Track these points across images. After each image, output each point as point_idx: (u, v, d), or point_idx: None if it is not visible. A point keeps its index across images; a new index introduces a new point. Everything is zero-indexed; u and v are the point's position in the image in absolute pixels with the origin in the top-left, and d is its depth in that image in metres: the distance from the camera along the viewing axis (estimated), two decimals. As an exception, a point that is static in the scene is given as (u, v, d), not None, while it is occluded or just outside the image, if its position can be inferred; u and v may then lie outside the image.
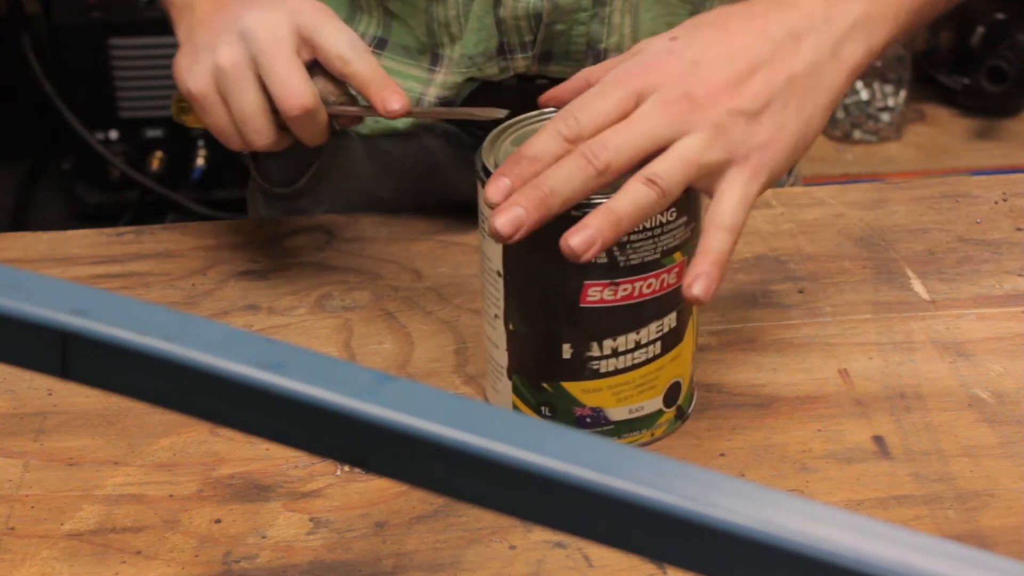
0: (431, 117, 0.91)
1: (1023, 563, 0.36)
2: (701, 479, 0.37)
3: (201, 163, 2.11)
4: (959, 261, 0.96)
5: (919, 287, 0.93)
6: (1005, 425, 0.81)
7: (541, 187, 0.71)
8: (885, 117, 2.23)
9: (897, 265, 0.96)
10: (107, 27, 2.04)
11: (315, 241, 1.00)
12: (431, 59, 0.96)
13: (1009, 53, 2.17)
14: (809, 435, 0.80)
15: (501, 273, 0.76)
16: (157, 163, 2.10)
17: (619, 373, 0.77)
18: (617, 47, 0.94)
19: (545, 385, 0.78)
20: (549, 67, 0.95)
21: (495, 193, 0.72)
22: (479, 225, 0.77)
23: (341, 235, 1.00)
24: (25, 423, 0.83)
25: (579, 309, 0.75)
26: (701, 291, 0.71)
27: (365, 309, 0.92)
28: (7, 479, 0.79)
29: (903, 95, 2.23)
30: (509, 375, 0.79)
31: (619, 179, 0.72)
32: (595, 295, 0.74)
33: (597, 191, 0.72)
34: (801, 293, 0.93)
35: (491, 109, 0.84)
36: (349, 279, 0.96)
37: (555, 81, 0.94)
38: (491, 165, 0.75)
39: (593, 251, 0.70)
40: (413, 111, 0.86)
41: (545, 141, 0.73)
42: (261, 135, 0.85)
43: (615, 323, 0.76)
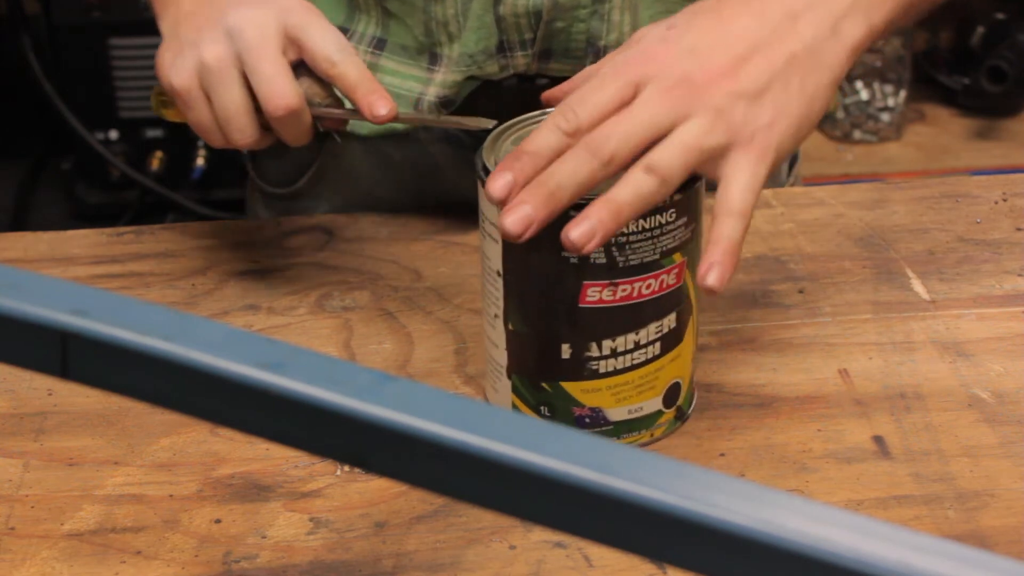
0: (419, 123, 0.90)
1: (1023, 563, 0.36)
2: (701, 479, 0.37)
3: (201, 163, 2.11)
4: (959, 261, 0.96)
5: (919, 287, 0.93)
6: (1005, 425, 0.81)
7: (547, 183, 0.70)
8: (885, 117, 2.23)
9: (897, 265, 0.96)
10: (107, 27, 2.04)
11: (315, 241, 1.00)
12: (429, 59, 0.96)
13: (1009, 53, 2.18)
14: (809, 435, 0.80)
15: (501, 273, 0.76)
16: (157, 163, 2.10)
17: (618, 373, 0.77)
18: (617, 44, 0.93)
19: (544, 385, 0.78)
20: (549, 65, 0.95)
21: (497, 189, 0.71)
22: (479, 225, 0.77)
23: (341, 235, 1.00)
24: (25, 423, 0.83)
25: (578, 309, 0.75)
26: (715, 281, 0.70)
27: (365, 309, 0.92)
28: (7, 479, 0.79)
29: (903, 95, 2.23)
30: (508, 375, 0.79)
31: (620, 172, 0.72)
32: (594, 295, 0.74)
33: (603, 183, 0.71)
34: (801, 293, 0.93)
35: (481, 119, 0.83)
36: (349, 279, 0.96)
37: (555, 80, 0.94)
38: (491, 165, 0.75)
39: (594, 243, 0.69)
40: (400, 116, 0.85)
41: (545, 136, 0.72)
42: (244, 133, 0.84)
43: (614, 323, 0.76)
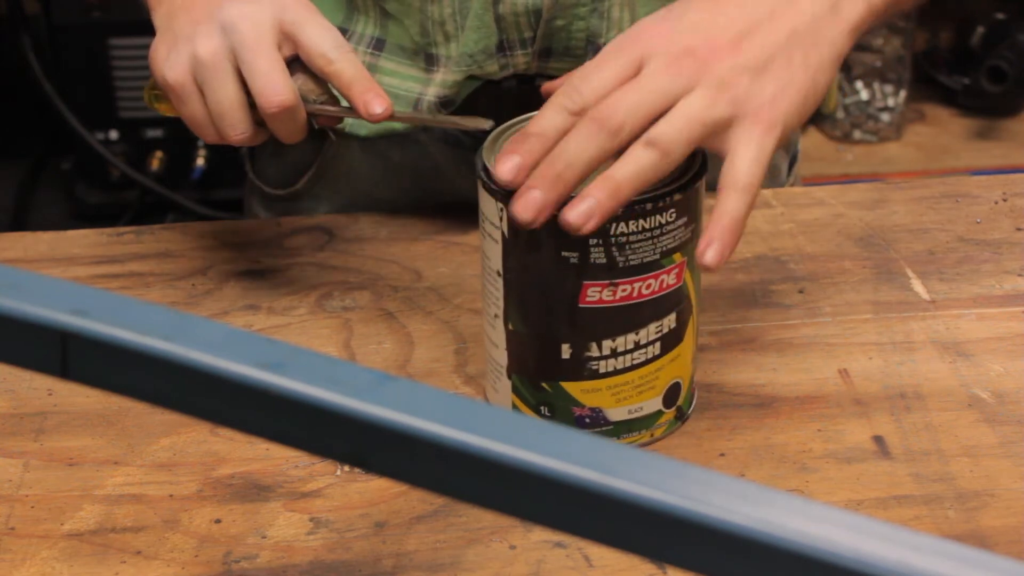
0: (416, 123, 0.90)
1: (1023, 563, 0.36)
2: (701, 479, 0.37)
3: (201, 163, 2.11)
4: (959, 261, 0.96)
5: (919, 287, 0.93)
6: (1005, 425, 0.81)
7: (555, 164, 0.70)
8: (885, 117, 2.23)
9: (897, 265, 0.96)
10: (107, 27, 2.04)
11: (315, 241, 1.00)
12: (425, 59, 0.96)
13: (1009, 53, 2.18)
14: (809, 435, 0.80)
15: (501, 273, 0.76)
16: (157, 163, 2.10)
17: (618, 373, 0.77)
18: None
19: (544, 385, 0.78)
20: (549, 64, 0.95)
21: (505, 171, 0.71)
22: (479, 225, 0.77)
23: (341, 235, 1.00)
24: (25, 423, 0.83)
25: (578, 309, 0.75)
26: (712, 258, 0.70)
27: (365, 309, 0.92)
28: (7, 479, 0.79)
29: (903, 95, 2.23)
30: (508, 375, 0.79)
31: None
32: (594, 295, 0.74)
33: (612, 155, 0.70)
34: (801, 293, 0.93)
35: (479, 119, 0.82)
36: (349, 279, 0.96)
37: (555, 79, 0.94)
38: (491, 165, 0.75)
39: (593, 223, 0.69)
40: (397, 115, 0.85)
41: (551, 116, 0.72)
42: (237, 129, 0.84)
43: (614, 323, 0.76)
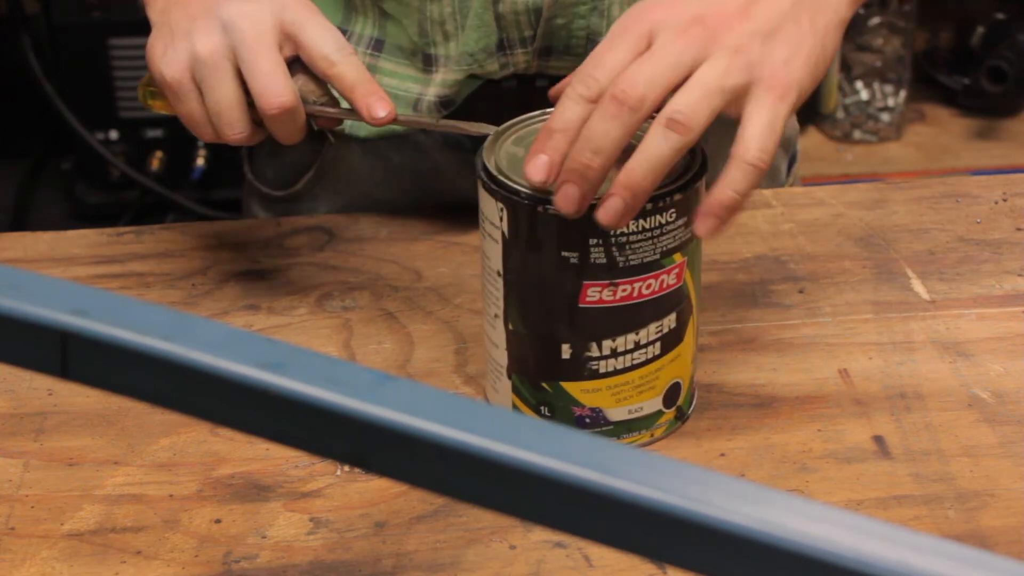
0: (418, 126, 0.89)
1: (1023, 563, 0.36)
2: (701, 479, 0.37)
3: (201, 163, 2.11)
4: (959, 261, 0.96)
5: (919, 287, 0.93)
6: (1005, 425, 0.81)
7: (583, 154, 0.70)
8: (885, 117, 2.23)
9: (897, 265, 0.96)
10: (107, 27, 2.04)
11: (315, 241, 1.00)
12: (423, 60, 0.95)
13: (1009, 53, 2.18)
14: (809, 435, 0.80)
15: (501, 273, 0.76)
16: (157, 163, 2.10)
17: (618, 373, 0.77)
18: None
19: (544, 385, 0.78)
20: (549, 62, 0.95)
21: (535, 172, 0.71)
22: (479, 225, 0.77)
23: (341, 235, 1.00)
24: (25, 423, 0.83)
25: (578, 309, 0.75)
26: (705, 231, 0.71)
27: (365, 309, 0.92)
28: (7, 479, 0.79)
29: (903, 95, 2.23)
30: (509, 375, 0.79)
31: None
32: (594, 295, 0.74)
33: (638, 130, 0.70)
34: (801, 293, 0.93)
35: (480, 124, 0.82)
36: (349, 279, 0.96)
37: (554, 80, 0.93)
38: (492, 166, 0.75)
39: (626, 219, 0.70)
40: (399, 119, 0.85)
41: (571, 108, 0.71)
42: (235, 129, 0.83)
43: (614, 323, 0.76)
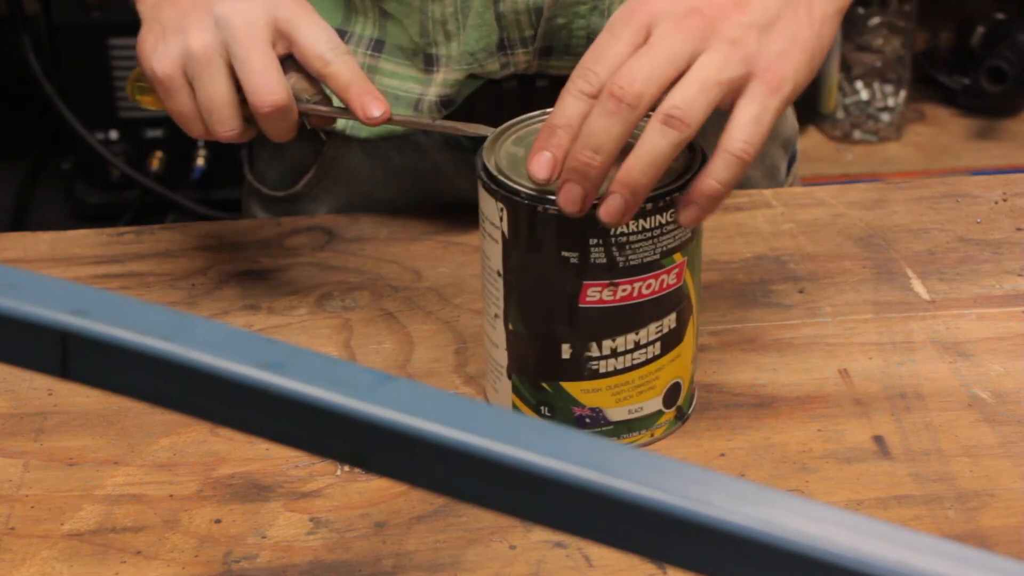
0: (415, 126, 0.89)
1: (1023, 563, 0.36)
2: (701, 479, 0.37)
3: (201, 163, 2.11)
4: (959, 261, 0.96)
5: (919, 287, 0.93)
6: (1005, 425, 0.81)
7: (583, 152, 0.70)
8: (885, 117, 2.23)
9: (897, 265, 0.96)
10: (107, 27, 2.04)
11: (315, 241, 1.00)
12: (424, 60, 0.95)
13: (1009, 53, 2.18)
14: (809, 435, 0.80)
15: (501, 273, 0.76)
16: (157, 163, 2.10)
17: (618, 373, 0.77)
18: None
19: (544, 385, 0.78)
20: (550, 62, 0.95)
21: (539, 169, 0.71)
22: (479, 225, 0.77)
23: (341, 235, 1.00)
24: (25, 423, 0.83)
25: (578, 309, 0.75)
26: (687, 219, 0.72)
27: (365, 309, 0.92)
28: (7, 479, 0.79)
29: (903, 95, 2.23)
30: (509, 375, 0.79)
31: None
32: (594, 295, 0.74)
33: (637, 127, 0.70)
34: (801, 293, 0.93)
35: (479, 126, 0.81)
36: (349, 279, 0.96)
37: (554, 80, 0.93)
38: (492, 166, 0.75)
39: (626, 217, 0.71)
40: (395, 119, 0.84)
41: (573, 104, 0.71)
42: (226, 126, 0.83)
43: (614, 323, 0.76)
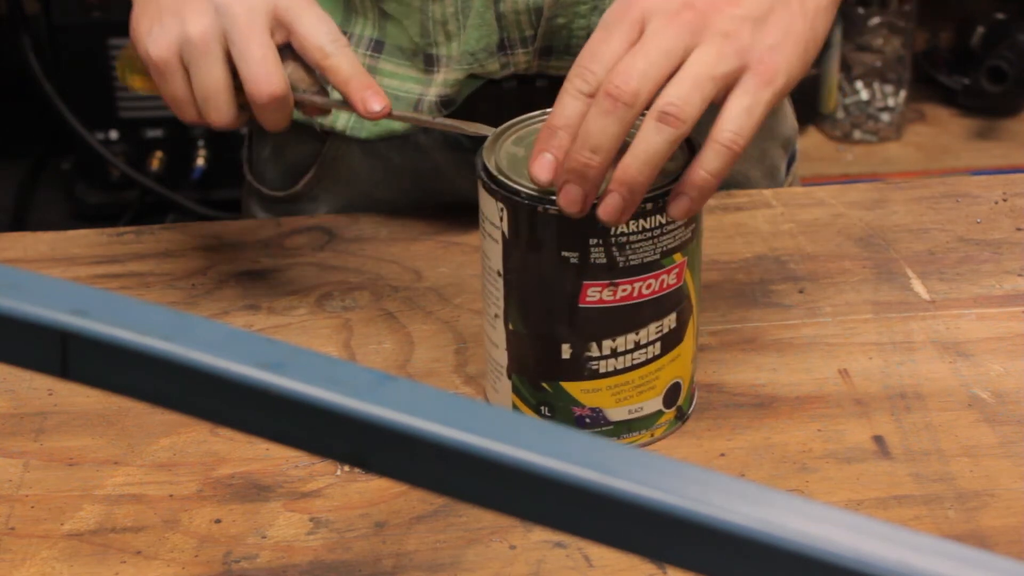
0: (414, 123, 0.89)
1: (1023, 563, 0.36)
2: (701, 479, 0.37)
3: (201, 163, 2.11)
4: (959, 261, 0.96)
5: (919, 287, 0.93)
6: (1005, 425, 0.81)
7: (581, 153, 0.70)
8: (885, 117, 2.23)
9: (897, 265, 0.96)
10: (107, 27, 2.04)
11: (315, 241, 1.00)
12: (424, 60, 0.95)
13: (1009, 53, 2.18)
14: (809, 435, 0.80)
15: (501, 273, 0.76)
16: (157, 163, 2.10)
17: (618, 373, 0.77)
18: None
19: (544, 385, 0.78)
20: (550, 62, 0.95)
21: (541, 171, 0.71)
22: (479, 225, 0.77)
23: (341, 235, 1.00)
24: (25, 423, 0.83)
25: (578, 309, 0.75)
26: (677, 212, 0.72)
27: (365, 309, 0.92)
28: (7, 479, 0.79)
29: (903, 95, 2.23)
30: (509, 375, 0.79)
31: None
32: (594, 295, 0.74)
33: (634, 124, 0.70)
34: (801, 293, 0.93)
35: (480, 125, 0.81)
36: (349, 279, 0.96)
37: (554, 80, 0.93)
38: (492, 166, 0.75)
39: (625, 216, 0.71)
40: (395, 114, 0.84)
41: (571, 104, 0.71)
42: (221, 113, 0.82)
43: (614, 323, 0.76)
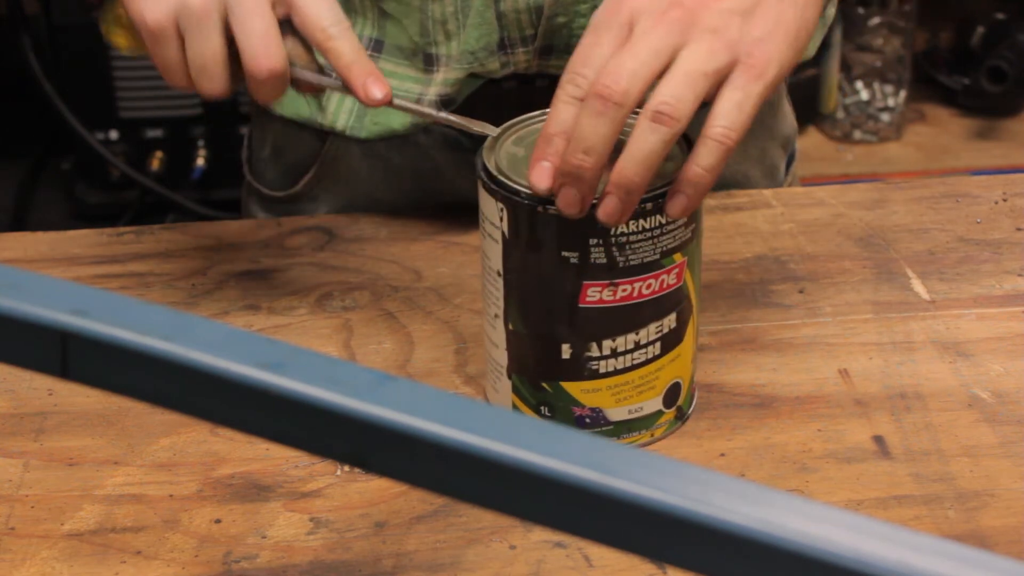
0: (420, 116, 0.88)
1: (1023, 563, 0.36)
2: (701, 479, 0.37)
3: (201, 163, 2.11)
4: (959, 261, 0.96)
5: (919, 287, 0.93)
6: (1005, 425, 0.81)
7: (575, 156, 0.70)
8: (885, 117, 2.23)
9: (897, 265, 0.96)
10: (107, 27, 2.04)
11: (315, 241, 1.00)
12: (424, 60, 0.95)
13: (1009, 53, 2.18)
14: (809, 435, 0.80)
15: (501, 273, 0.76)
16: (157, 163, 2.10)
17: (618, 373, 0.77)
18: None
19: (544, 385, 0.78)
20: (550, 61, 0.95)
21: (540, 180, 0.72)
22: (479, 225, 0.77)
23: (341, 235, 1.00)
24: (25, 423, 0.83)
25: (578, 309, 0.75)
26: (675, 211, 0.72)
27: (365, 309, 0.92)
28: (7, 479, 0.79)
29: (903, 95, 2.23)
30: (509, 375, 0.79)
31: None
32: (594, 295, 0.74)
33: (625, 124, 0.70)
34: (801, 293, 0.93)
35: (485, 124, 0.80)
36: (349, 279, 0.96)
37: (555, 80, 0.93)
38: (492, 166, 0.75)
39: (624, 216, 0.71)
40: (396, 103, 0.83)
41: (564, 110, 0.72)
42: (214, 83, 0.81)
43: (614, 323, 0.76)
